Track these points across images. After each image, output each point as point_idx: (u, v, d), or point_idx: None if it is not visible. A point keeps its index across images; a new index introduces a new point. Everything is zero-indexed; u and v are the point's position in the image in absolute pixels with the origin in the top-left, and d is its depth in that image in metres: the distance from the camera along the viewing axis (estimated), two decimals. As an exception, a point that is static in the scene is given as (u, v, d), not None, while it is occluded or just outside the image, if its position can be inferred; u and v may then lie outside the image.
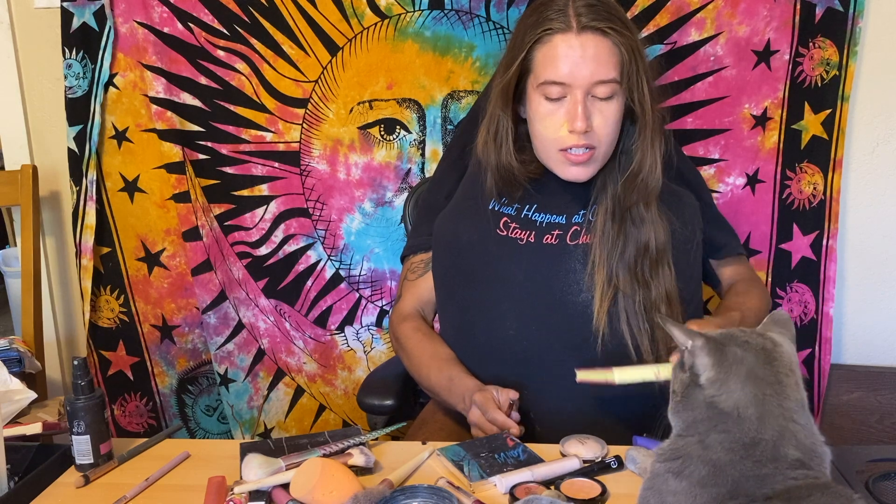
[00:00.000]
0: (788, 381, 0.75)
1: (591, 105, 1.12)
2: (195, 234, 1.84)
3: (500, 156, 1.21)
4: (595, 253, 1.18)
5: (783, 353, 0.77)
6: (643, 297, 1.17)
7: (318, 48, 1.76)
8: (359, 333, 1.91)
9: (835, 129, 1.65)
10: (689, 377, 0.77)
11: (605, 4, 1.12)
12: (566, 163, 1.16)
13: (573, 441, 1.10)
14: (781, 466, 0.72)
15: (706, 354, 0.75)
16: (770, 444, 0.72)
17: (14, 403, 1.27)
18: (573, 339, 1.18)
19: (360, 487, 0.96)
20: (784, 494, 0.70)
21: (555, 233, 1.20)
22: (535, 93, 1.15)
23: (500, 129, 1.20)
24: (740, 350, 0.76)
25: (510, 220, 1.22)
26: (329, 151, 1.81)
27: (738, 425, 0.73)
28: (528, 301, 1.19)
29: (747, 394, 0.73)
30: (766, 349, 0.76)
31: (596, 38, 1.10)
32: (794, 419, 0.74)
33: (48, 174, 1.90)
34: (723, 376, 0.74)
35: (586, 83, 1.10)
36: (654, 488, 0.79)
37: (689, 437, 0.76)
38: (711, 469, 0.73)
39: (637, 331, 1.16)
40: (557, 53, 1.10)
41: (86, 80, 1.78)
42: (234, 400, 1.92)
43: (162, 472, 1.08)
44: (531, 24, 1.14)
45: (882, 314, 1.77)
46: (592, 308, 1.16)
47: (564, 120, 1.13)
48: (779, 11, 1.64)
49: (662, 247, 1.18)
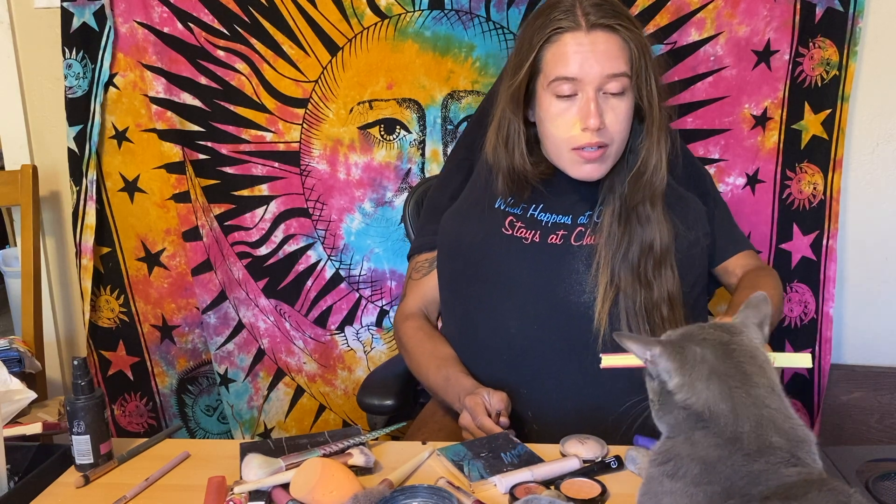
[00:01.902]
0: (751, 368, 0.75)
1: (603, 103, 1.12)
2: (195, 234, 1.84)
3: (512, 159, 1.21)
4: (600, 254, 1.17)
5: (742, 342, 0.77)
6: (644, 298, 1.17)
7: (318, 48, 1.76)
8: (359, 333, 1.91)
9: (835, 129, 1.65)
10: (659, 384, 0.77)
11: (611, 3, 1.13)
12: (579, 161, 1.16)
13: (573, 441, 1.10)
14: (772, 460, 0.72)
15: (667, 360, 0.76)
16: (752, 435, 0.72)
17: (14, 403, 1.27)
18: (574, 340, 1.18)
19: (360, 487, 0.96)
20: (780, 492, 0.70)
21: (560, 233, 1.20)
22: (546, 93, 1.15)
23: (511, 133, 1.20)
24: (699, 348, 0.76)
25: (516, 219, 1.22)
26: (329, 151, 1.81)
27: (715, 422, 0.73)
28: (530, 300, 1.19)
29: (714, 391, 0.74)
30: (723, 342, 0.76)
31: (605, 35, 1.10)
32: (766, 405, 0.74)
33: (48, 174, 1.90)
34: (687, 379, 0.75)
35: (597, 79, 1.11)
36: (650, 493, 0.79)
37: (677, 438, 0.77)
38: (703, 467, 0.73)
39: (637, 332, 1.16)
40: (568, 51, 1.11)
41: (86, 80, 1.78)
42: (234, 400, 1.92)
43: (162, 472, 1.08)
44: (539, 25, 1.14)
45: (882, 314, 1.77)
46: (594, 309, 1.16)
47: (577, 118, 1.13)
48: (779, 11, 1.64)
49: (666, 248, 1.17)
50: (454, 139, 1.78)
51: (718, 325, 0.80)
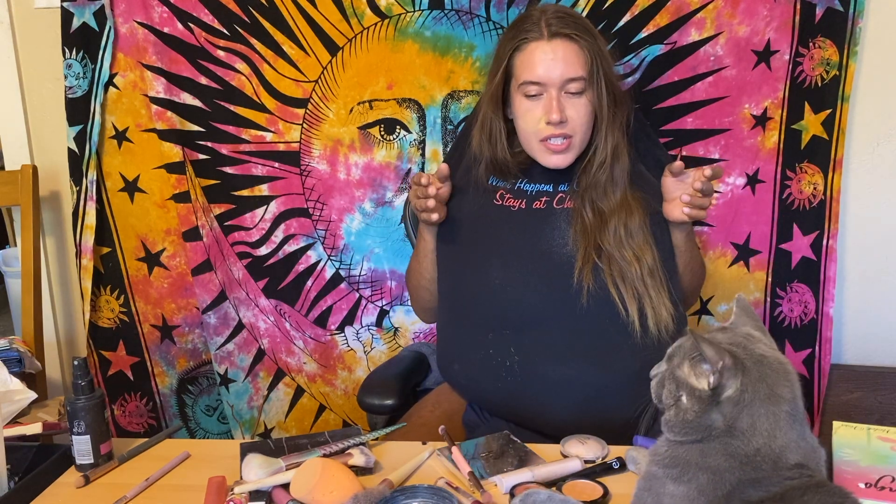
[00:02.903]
0: (783, 388, 0.76)
1: (565, 101, 1.30)
2: (195, 234, 1.84)
3: (495, 152, 1.39)
4: (577, 218, 1.31)
5: (788, 366, 0.79)
6: (624, 271, 1.27)
7: (318, 48, 1.76)
8: (359, 333, 1.91)
9: (835, 129, 1.65)
10: (710, 394, 0.76)
11: (572, 16, 1.32)
12: (547, 152, 1.33)
13: (573, 441, 1.10)
14: (780, 469, 0.72)
15: (733, 376, 0.75)
16: (775, 452, 0.73)
17: (14, 403, 1.27)
18: (556, 285, 1.28)
19: (360, 487, 0.96)
20: (778, 496, 0.70)
21: (543, 199, 1.36)
22: (517, 93, 1.33)
23: (494, 130, 1.38)
24: (757, 367, 0.76)
25: (505, 192, 1.39)
26: (329, 151, 1.81)
27: (746, 438, 0.73)
28: (514, 254, 1.33)
29: (767, 412, 0.74)
30: (781, 362, 0.78)
31: (564, 43, 1.28)
32: (797, 429, 0.75)
33: (48, 174, 1.90)
34: (748, 397, 0.74)
35: (558, 81, 1.28)
36: (651, 490, 0.79)
37: (689, 446, 0.76)
38: (711, 476, 0.73)
39: (623, 290, 1.26)
40: (532, 58, 1.29)
41: (86, 80, 1.78)
42: (234, 400, 1.92)
43: (162, 472, 1.08)
44: (510, 36, 1.34)
45: (882, 314, 1.76)
46: (576, 257, 1.28)
47: (542, 114, 1.30)
48: (779, 11, 1.64)
49: (636, 226, 1.30)
50: (454, 139, 1.79)
51: (750, 335, 0.81)
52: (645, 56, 1.69)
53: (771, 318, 1.77)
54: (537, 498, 0.91)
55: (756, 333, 0.82)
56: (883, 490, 0.89)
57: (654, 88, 1.70)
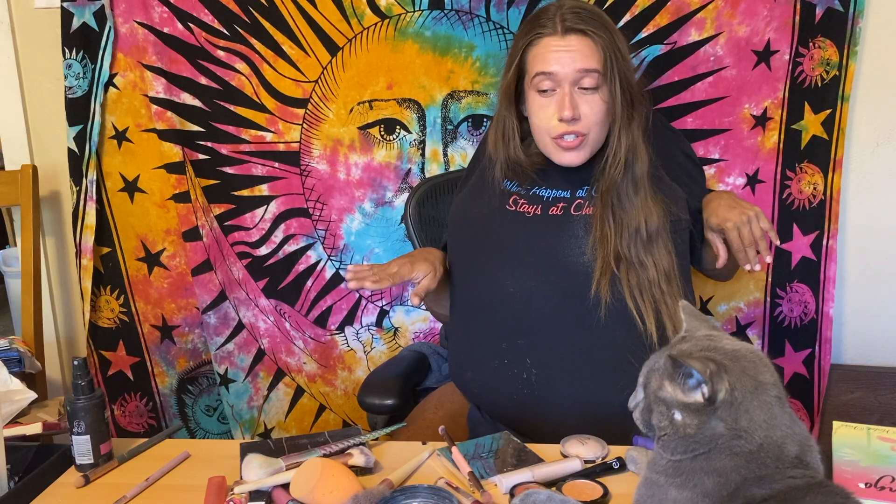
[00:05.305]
0: (764, 375, 0.77)
1: (578, 97, 1.27)
2: (195, 234, 1.84)
3: (508, 151, 1.36)
4: (596, 225, 1.27)
5: (758, 352, 0.79)
6: (641, 276, 1.24)
7: (318, 48, 1.76)
8: (359, 333, 1.91)
9: (835, 129, 1.65)
10: (705, 404, 0.75)
11: (588, 11, 1.28)
12: (559, 149, 1.30)
13: (574, 441, 1.10)
14: (782, 465, 0.72)
15: (721, 379, 0.75)
16: (777, 444, 0.73)
17: (14, 403, 1.27)
18: (572, 295, 1.25)
19: (360, 487, 0.96)
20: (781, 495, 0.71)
21: (560, 205, 1.32)
22: (531, 89, 1.30)
23: (507, 128, 1.36)
24: (734, 363, 0.76)
25: (519, 196, 1.35)
26: (329, 151, 1.81)
27: (749, 435, 0.73)
28: (528, 261, 1.29)
29: (759, 402, 0.74)
30: (752, 350, 0.78)
31: (578, 38, 1.26)
32: (787, 412, 0.75)
33: (48, 174, 1.90)
34: (739, 395, 0.74)
35: (571, 74, 1.25)
36: (654, 497, 0.79)
37: (695, 454, 0.76)
38: (717, 479, 0.73)
39: (641, 301, 1.23)
40: (545, 51, 1.27)
41: (86, 80, 1.78)
42: (234, 400, 1.92)
43: (162, 472, 1.08)
44: (525, 31, 1.32)
45: (882, 314, 1.76)
46: (593, 267, 1.24)
47: (555, 111, 1.27)
48: (779, 11, 1.64)
49: (654, 229, 1.26)
50: (454, 139, 1.79)
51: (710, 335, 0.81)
52: (645, 56, 1.69)
53: (771, 318, 1.77)
54: (537, 498, 0.91)
55: (714, 332, 0.82)
56: (883, 490, 0.89)
57: (654, 88, 1.70)
